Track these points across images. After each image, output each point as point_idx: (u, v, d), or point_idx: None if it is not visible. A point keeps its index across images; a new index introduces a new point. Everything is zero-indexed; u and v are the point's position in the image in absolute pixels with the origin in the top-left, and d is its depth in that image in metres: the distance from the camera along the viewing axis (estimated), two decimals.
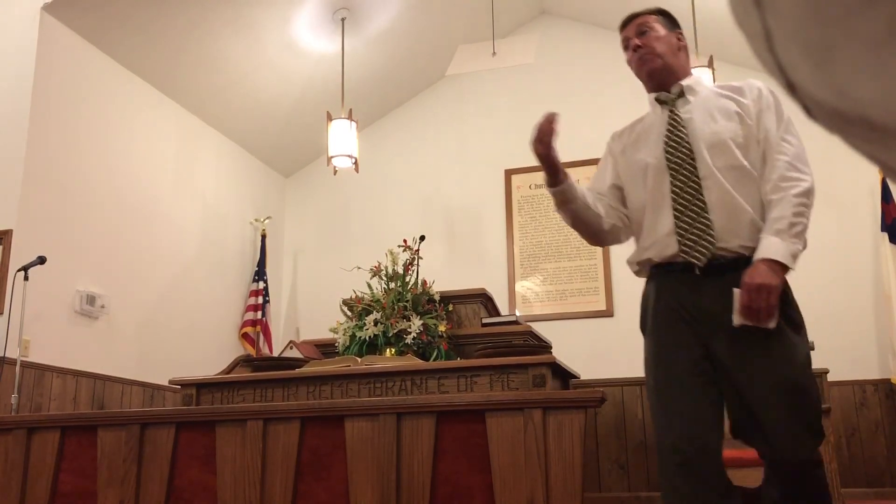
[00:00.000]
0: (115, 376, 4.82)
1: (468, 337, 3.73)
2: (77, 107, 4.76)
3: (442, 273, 4.34)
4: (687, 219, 2.07)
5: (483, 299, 3.90)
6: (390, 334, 3.60)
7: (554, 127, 2.19)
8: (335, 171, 5.62)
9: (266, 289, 6.24)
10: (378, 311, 3.68)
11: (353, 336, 3.68)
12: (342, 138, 5.45)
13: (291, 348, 3.79)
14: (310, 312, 6.53)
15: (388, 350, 3.57)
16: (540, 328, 4.33)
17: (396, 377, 3.21)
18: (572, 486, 2.39)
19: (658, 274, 2.20)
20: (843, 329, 5.24)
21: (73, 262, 4.63)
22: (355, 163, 5.51)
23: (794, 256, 1.94)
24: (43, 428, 3.11)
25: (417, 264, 3.90)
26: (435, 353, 3.56)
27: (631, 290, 5.66)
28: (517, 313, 5.31)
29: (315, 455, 2.67)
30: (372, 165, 6.39)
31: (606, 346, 5.50)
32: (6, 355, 4.07)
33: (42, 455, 3.06)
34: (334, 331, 3.81)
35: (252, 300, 6.18)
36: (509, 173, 6.29)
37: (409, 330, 3.58)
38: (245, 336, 6.05)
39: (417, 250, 3.92)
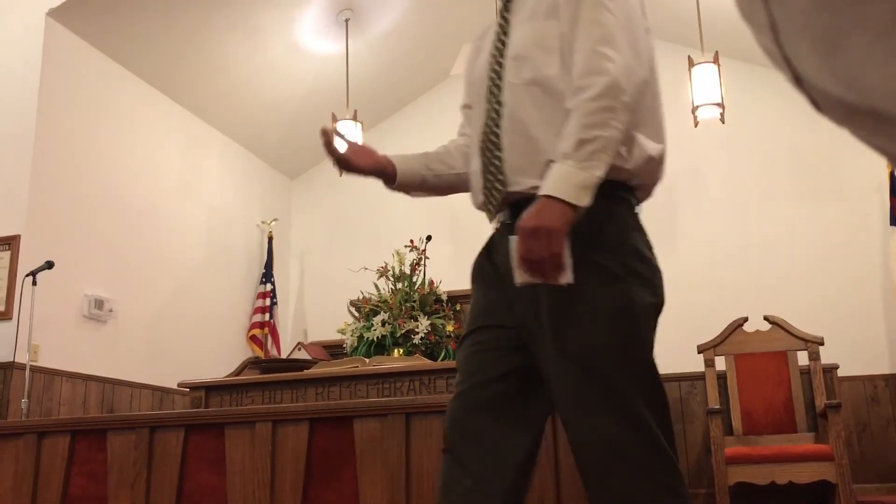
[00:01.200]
0: (124, 380, 4.83)
1: None
2: (83, 111, 4.77)
3: (449, 273, 4.33)
4: (485, 157, 1.63)
5: None
6: (398, 335, 3.60)
7: (337, 151, 1.77)
8: (341, 173, 5.60)
9: (273, 291, 6.24)
10: (385, 312, 3.68)
11: (360, 337, 3.68)
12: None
13: (300, 350, 3.80)
14: (317, 314, 6.53)
15: (396, 350, 3.57)
16: None
17: (405, 377, 3.21)
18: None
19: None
20: (852, 324, 5.21)
21: (81, 267, 4.64)
22: None
23: (586, 187, 1.38)
24: (53, 432, 3.12)
25: (424, 264, 3.90)
26: (443, 353, 3.56)
27: None
28: None
29: (324, 456, 2.67)
30: None
31: None
32: (16, 360, 4.08)
33: (52, 460, 3.07)
34: (342, 332, 3.81)
35: (260, 302, 6.19)
36: None
37: (416, 330, 3.58)
38: (253, 338, 6.06)
39: (424, 250, 3.92)
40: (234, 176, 6.27)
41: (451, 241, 6.18)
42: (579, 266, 1.42)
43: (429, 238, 4.01)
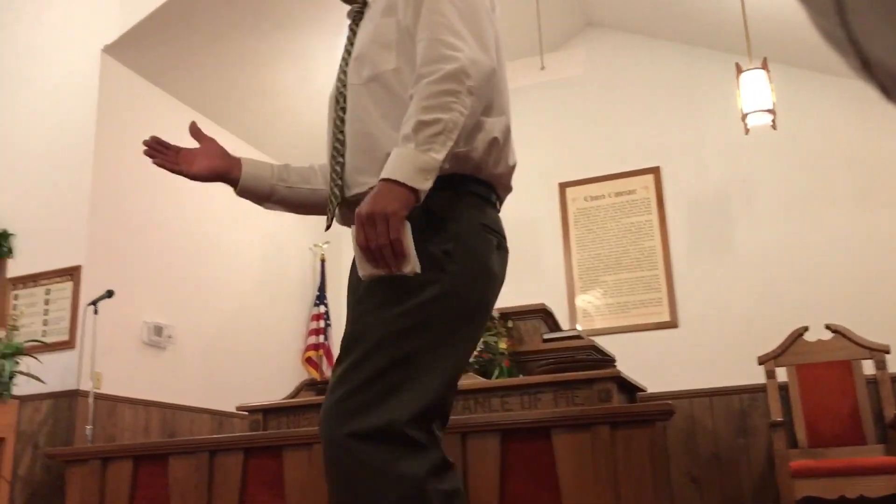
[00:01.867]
0: (184, 405, 4.91)
1: (530, 353, 3.70)
2: (138, 143, 4.87)
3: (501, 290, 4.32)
4: (331, 164, 1.58)
5: (543, 315, 3.87)
6: None
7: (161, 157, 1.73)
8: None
9: (327, 313, 6.30)
10: None
11: None
12: None
13: None
14: None
15: None
16: (602, 342, 4.28)
17: (458, 396, 3.19)
18: (644, 502, 2.34)
19: None
20: None
21: (140, 294, 4.74)
22: None
23: (425, 170, 1.30)
24: (116, 458, 3.18)
25: None
26: (497, 372, 3.54)
27: (697, 299, 5.57)
28: (578, 328, 5.25)
29: None
30: None
31: (672, 357, 5.40)
32: (80, 388, 4.19)
33: (117, 485, 3.13)
34: None
35: (314, 324, 6.25)
36: (563, 186, 6.25)
37: None
38: (308, 360, 6.11)
39: None
40: None
41: None
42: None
43: None
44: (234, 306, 5.58)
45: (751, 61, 4.61)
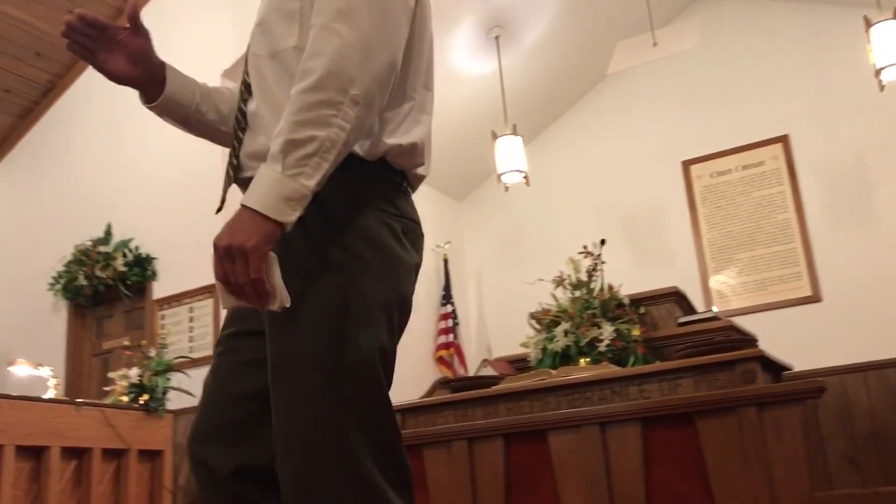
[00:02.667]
0: None
1: (665, 339, 3.59)
2: None
3: (628, 276, 4.21)
4: (233, 136, 1.39)
5: (676, 298, 3.75)
6: (582, 343, 3.53)
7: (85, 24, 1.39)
8: (506, 188, 5.64)
9: (454, 311, 6.35)
10: (566, 322, 3.63)
11: (544, 349, 3.64)
12: (509, 154, 5.47)
13: (486, 367, 3.82)
14: (499, 329, 6.57)
15: (582, 360, 3.51)
16: (741, 323, 4.11)
17: (594, 387, 3.14)
18: (799, 486, 2.23)
19: None
20: None
21: None
22: (525, 177, 5.50)
23: (293, 199, 1.13)
24: None
25: (601, 269, 3.82)
26: (632, 359, 3.46)
27: (840, 271, 5.26)
28: (714, 309, 5.07)
29: (522, 471, 2.66)
30: (543, 177, 6.36)
31: (817, 333, 5.12)
32: None
33: None
34: (525, 345, 3.80)
35: (443, 324, 6.31)
36: (687, 164, 6.04)
37: (601, 337, 3.50)
38: (440, 359, 6.18)
39: (599, 255, 3.84)
40: None
41: (626, 243, 6.04)
42: (305, 261, 1.22)
43: (602, 242, 3.92)
44: None
45: (880, 12, 4.32)
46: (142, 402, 4.12)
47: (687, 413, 2.39)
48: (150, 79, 1.46)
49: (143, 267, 4.93)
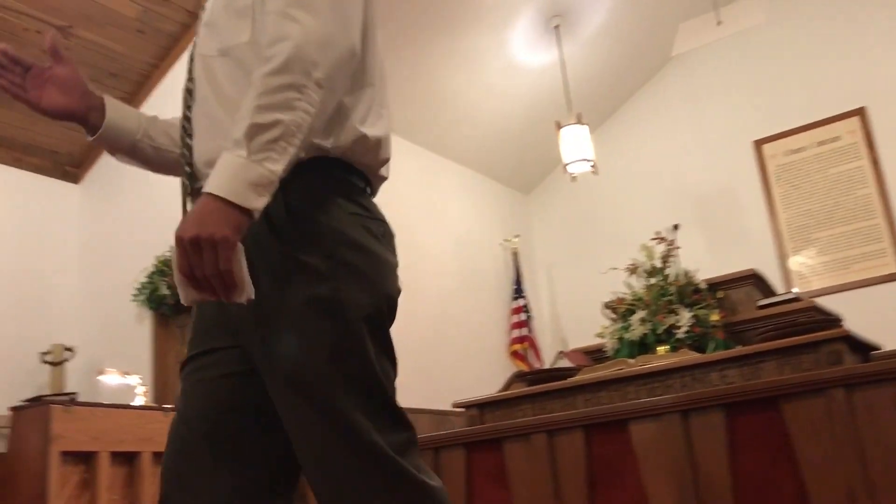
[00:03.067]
0: (405, 407, 5.10)
1: (745, 322, 3.51)
2: None
3: (704, 260, 4.13)
4: (181, 144, 1.34)
5: (754, 280, 3.66)
6: (659, 331, 3.48)
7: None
8: (574, 178, 5.59)
9: (527, 305, 6.33)
10: (642, 310, 3.58)
11: (620, 338, 3.60)
12: (575, 144, 5.42)
13: (561, 358, 3.80)
14: (573, 321, 6.52)
15: (660, 348, 3.45)
16: (824, 303, 3.98)
17: (674, 374, 3.09)
18: None
19: None
20: None
21: None
22: (593, 166, 5.45)
23: (260, 185, 1.09)
24: None
25: (676, 255, 3.75)
26: (712, 345, 3.39)
27: None
28: (795, 290, 4.92)
29: (604, 463, 2.64)
30: (610, 164, 6.29)
31: None
32: None
33: None
34: (601, 335, 3.76)
35: (515, 318, 6.30)
36: (759, 144, 5.89)
37: (678, 324, 3.44)
38: (515, 354, 6.17)
39: (673, 240, 3.77)
40: (472, 201, 6.46)
41: (701, 227, 5.91)
42: (277, 265, 1.18)
43: (676, 227, 3.86)
44: (437, 309, 5.73)
45: None
46: None
47: (772, 397, 2.33)
48: (87, 108, 1.43)
49: None
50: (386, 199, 5.03)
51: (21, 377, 5.38)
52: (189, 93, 1.34)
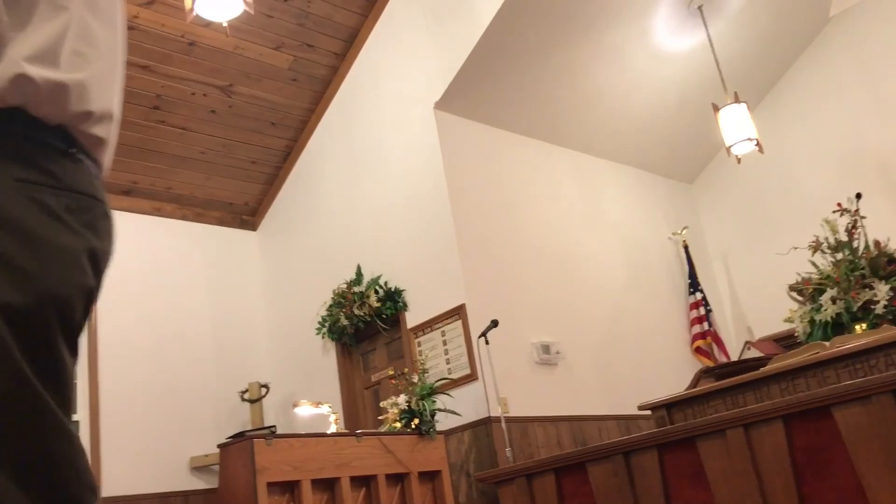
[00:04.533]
0: (588, 414, 5.03)
1: None
2: (485, 182, 5.22)
3: (894, 228, 3.81)
4: None
5: None
6: (854, 309, 3.24)
7: None
8: (738, 160, 5.34)
9: (704, 298, 6.08)
10: (832, 288, 3.35)
11: (812, 321, 3.39)
12: (736, 124, 5.18)
13: (749, 349, 3.62)
14: (756, 309, 6.19)
15: (857, 326, 3.21)
16: None
17: (878, 353, 2.86)
18: None
19: None
20: None
21: (521, 318, 4.99)
22: (757, 144, 5.18)
23: None
24: (539, 473, 3.35)
25: (862, 226, 3.49)
26: None
27: None
28: None
29: (809, 453, 2.47)
30: (775, 140, 5.95)
31: None
32: (490, 414, 4.50)
33: (544, 497, 3.28)
34: (789, 321, 3.56)
35: (694, 313, 6.06)
36: None
37: (875, 299, 3.19)
38: (698, 350, 5.94)
39: (857, 210, 3.51)
40: (633, 197, 6.31)
41: (886, 193, 5.47)
42: None
43: (858, 196, 3.59)
44: (610, 310, 5.63)
45: None
46: (414, 426, 4.34)
47: None
48: None
49: (394, 300, 5.22)
50: (543, 207, 5.06)
51: (224, 416, 5.78)
52: None
